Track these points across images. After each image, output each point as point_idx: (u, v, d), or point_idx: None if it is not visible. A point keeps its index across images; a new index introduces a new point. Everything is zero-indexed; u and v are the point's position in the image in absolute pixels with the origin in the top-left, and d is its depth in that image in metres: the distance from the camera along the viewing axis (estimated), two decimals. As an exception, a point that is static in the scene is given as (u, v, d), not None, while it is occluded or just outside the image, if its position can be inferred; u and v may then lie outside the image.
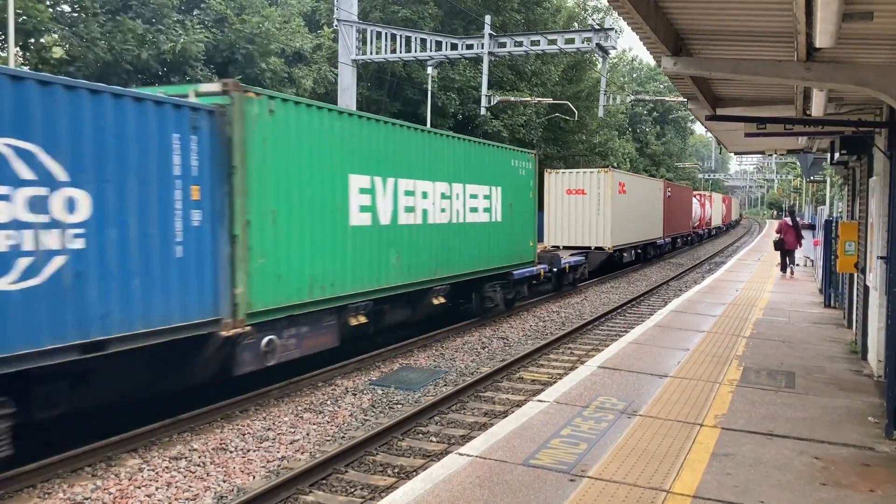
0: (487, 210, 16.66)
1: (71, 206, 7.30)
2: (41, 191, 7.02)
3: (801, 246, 24.31)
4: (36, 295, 6.97)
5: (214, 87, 9.43)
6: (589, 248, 25.67)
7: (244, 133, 9.31)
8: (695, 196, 49.31)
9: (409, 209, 13.43)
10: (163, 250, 8.31)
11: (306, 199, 10.56)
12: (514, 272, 17.88)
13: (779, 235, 23.38)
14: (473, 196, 15.95)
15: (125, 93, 8.02)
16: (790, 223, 23.19)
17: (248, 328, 9.40)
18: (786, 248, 23.12)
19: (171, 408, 9.19)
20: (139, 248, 8.02)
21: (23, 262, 6.87)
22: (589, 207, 25.97)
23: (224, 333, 9.06)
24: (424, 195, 13.94)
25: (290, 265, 10.18)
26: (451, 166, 15.00)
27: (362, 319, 12.00)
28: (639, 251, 31.21)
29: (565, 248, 24.66)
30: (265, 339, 9.80)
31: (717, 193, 69.29)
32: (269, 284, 9.72)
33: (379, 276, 12.41)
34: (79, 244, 7.36)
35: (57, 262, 7.16)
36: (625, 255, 28.33)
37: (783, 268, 23.45)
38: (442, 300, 14.71)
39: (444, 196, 14.69)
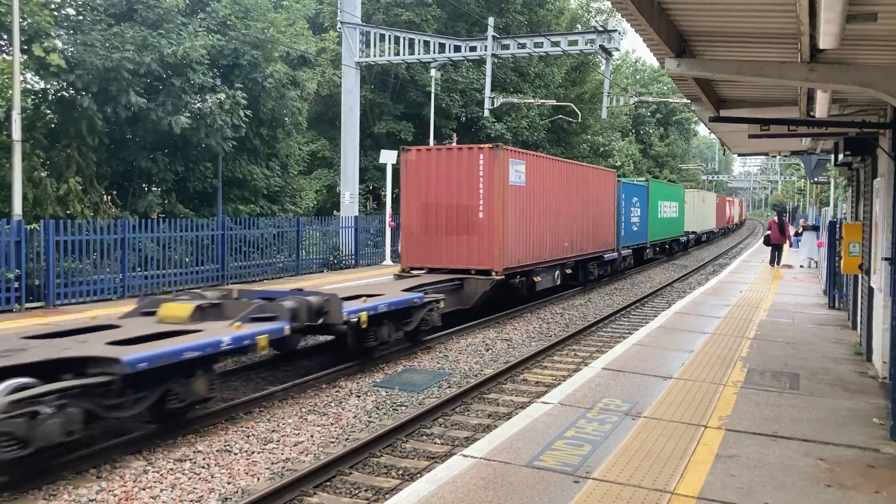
0: (675, 211, 38.62)
1: (637, 211, 29.74)
2: (638, 209, 29.93)
3: (788, 242, 29.88)
4: (634, 231, 29.52)
5: (641, 179, 37.54)
6: (688, 231, 43.37)
7: (650, 190, 32.28)
8: (727, 201, 70.58)
9: (665, 211, 35.15)
10: (644, 222, 31.11)
11: (652, 209, 32.15)
12: (680, 239, 40.61)
13: (768, 232, 27.36)
14: (672, 207, 37.59)
15: (640, 184, 32.25)
16: (776, 221, 26.93)
17: (649, 246, 32.27)
18: (772, 243, 26.82)
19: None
20: (640, 223, 30.31)
21: (635, 226, 29.62)
22: (689, 210, 43.18)
23: (647, 248, 32.20)
24: (665, 206, 35.49)
25: (653, 229, 32.51)
26: (669, 194, 37.61)
27: (658, 249, 34.67)
28: (707, 235, 52.83)
29: None
30: (648, 249, 32.15)
31: (735, 198, 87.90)
32: (653, 234, 32.66)
33: (657, 236, 33.59)
34: (638, 221, 29.97)
35: (639, 226, 30.22)
36: (703, 237, 50.63)
37: (771, 261, 26.85)
38: (666, 246, 37.15)
39: (668, 207, 36.34)
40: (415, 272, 17.43)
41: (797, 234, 33.95)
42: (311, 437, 8.97)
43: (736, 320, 14.08)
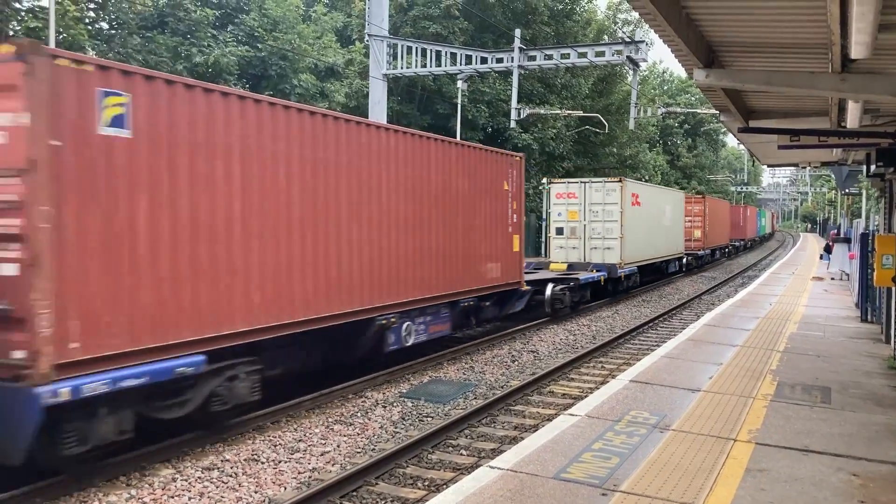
0: (765, 223, 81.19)
1: (758, 222, 70.89)
2: (757, 220, 72.39)
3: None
4: (757, 230, 71.31)
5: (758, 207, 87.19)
6: (766, 233, 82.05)
7: (760, 212, 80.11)
8: (772, 214, 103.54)
9: (762, 222, 77.56)
10: (759, 226, 75.66)
11: (759, 220, 72.15)
12: (765, 235, 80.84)
13: (829, 242, 31.96)
14: (763, 220, 79.29)
15: (758, 210, 74.75)
16: (836, 233, 32.28)
17: (758, 237, 74.10)
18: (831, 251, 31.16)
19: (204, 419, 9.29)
20: (758, 227, 75.72)
21: (757, 228, 74.32)
22: (766, 221, 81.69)
23: (757, 239, 73.95)
24: (762, 219, 77.77)
25: (759, 231, 75.27)
26: (762, 213, 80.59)
27: (756, 242, 71.30)
28: (768, 235, 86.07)
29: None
30: (756, 239, 71.33)
31: (771, 211, 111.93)
32: (759, 232, 77.38)
33: (760, 233, 74.50)
34: (757, 226, 72.71)
35: (757, 228, 74.75)
36: (766, 236, 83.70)
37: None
38: (761, 238, 77.59)
39: (761, 219, 76.13)
40: None
41: (827, 249, 33.63)
42: (338, 447, 9.00)
43: (766, 333, 13.91)
